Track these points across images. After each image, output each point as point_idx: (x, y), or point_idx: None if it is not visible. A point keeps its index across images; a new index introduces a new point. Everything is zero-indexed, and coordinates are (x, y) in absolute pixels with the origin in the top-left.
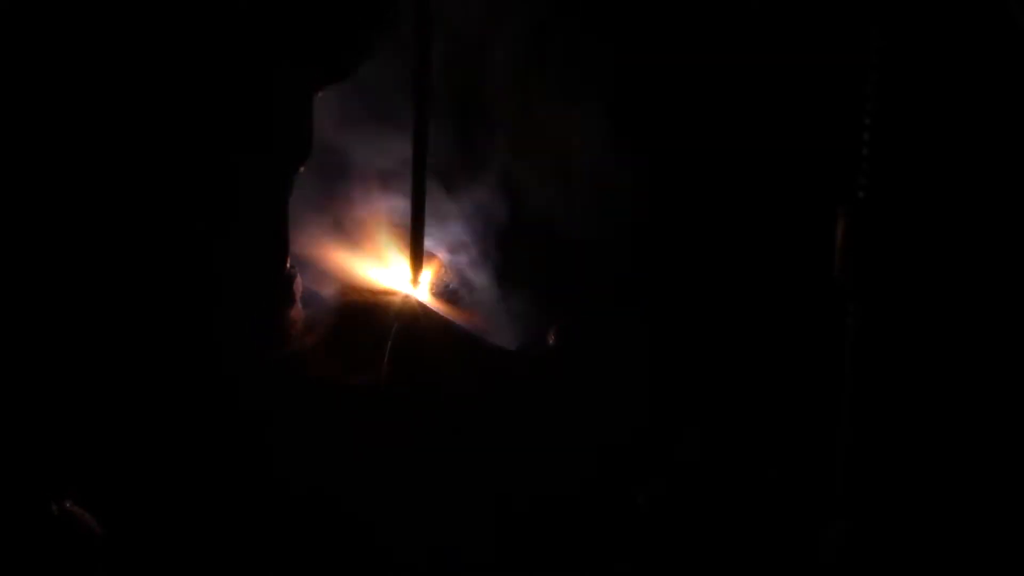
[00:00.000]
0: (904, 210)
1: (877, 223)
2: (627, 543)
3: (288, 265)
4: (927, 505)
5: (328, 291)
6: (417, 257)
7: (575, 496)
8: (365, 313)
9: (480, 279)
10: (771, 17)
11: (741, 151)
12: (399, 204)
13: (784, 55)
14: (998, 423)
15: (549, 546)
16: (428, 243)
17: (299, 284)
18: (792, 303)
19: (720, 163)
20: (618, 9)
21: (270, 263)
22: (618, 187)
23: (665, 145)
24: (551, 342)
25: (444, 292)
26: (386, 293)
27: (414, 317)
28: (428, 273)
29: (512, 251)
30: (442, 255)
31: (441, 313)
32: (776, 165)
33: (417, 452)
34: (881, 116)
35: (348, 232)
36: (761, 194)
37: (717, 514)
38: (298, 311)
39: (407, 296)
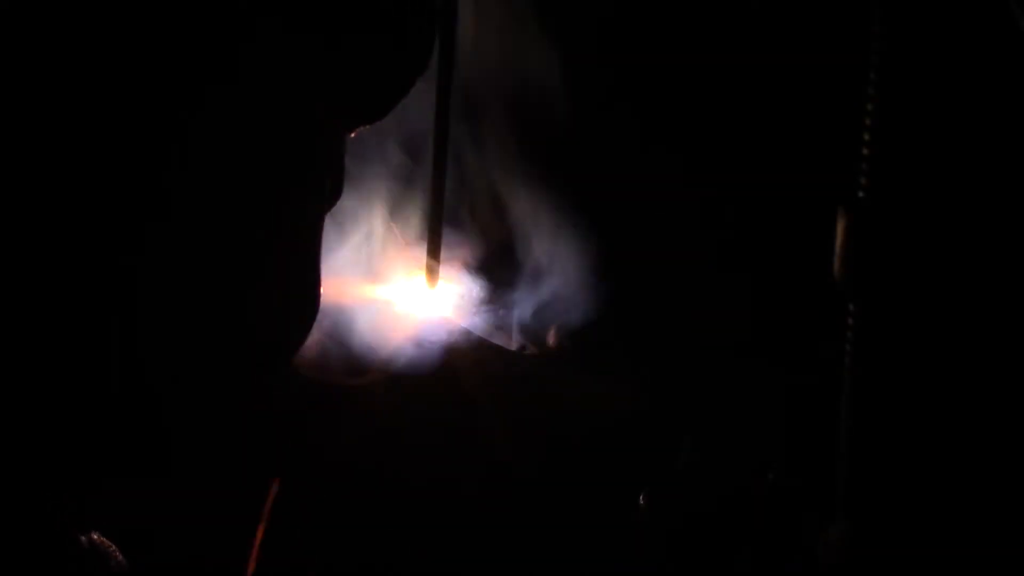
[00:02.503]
0: (904, 210)
1: (877, 223)
2: (629, 545)
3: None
4: (928, 506)
5: (331, 293)
6: (433, 261)
7: (576, 498)
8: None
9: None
10: (770, 16)
11: (741, 148)
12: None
13: (783, 54)
14: (999, 423)
15: (552, 548)
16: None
17: None
18: (791, 303)
19: (719, 161)
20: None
21: (301, 301)
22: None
23: (662, 141)
24: (550, 342)
25: (455, 296)
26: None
27: (422, 320)
28: (444, 280)
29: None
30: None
31: (452, 316)
32: (775, 164)
33: (417, 453)
34: (881, 116)
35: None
36: (760, 193)
37: (718, 515)
38: None
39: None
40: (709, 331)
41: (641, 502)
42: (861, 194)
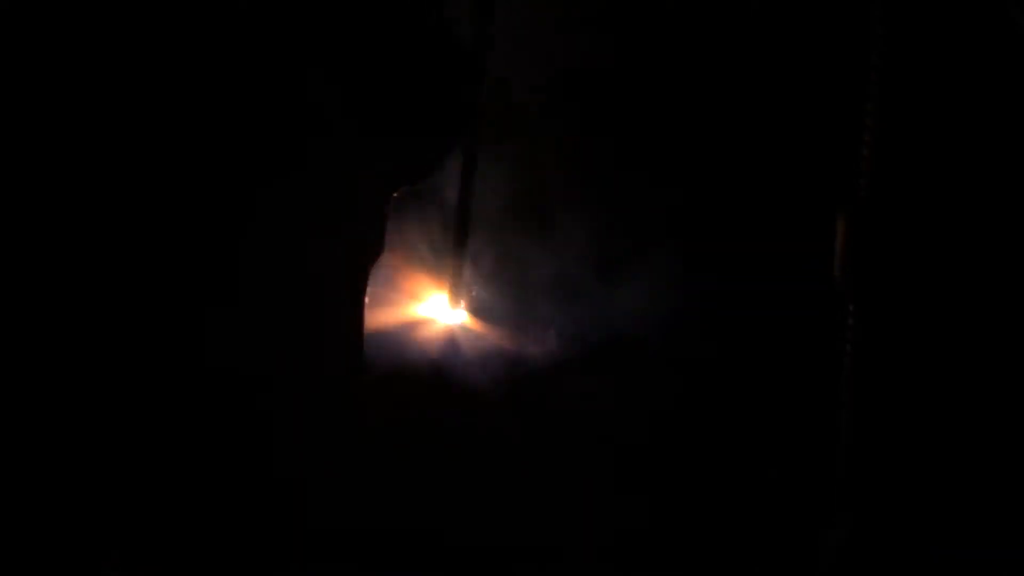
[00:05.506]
0: (904, 210)
1: (877, 223)
2: (628, 544)
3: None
4: (928, 507)
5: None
6: (457, 280)
7: (578, 499)
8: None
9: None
10: (770, 16)
11: (741, 146)
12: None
13: (783, 54)
14: (999, 424)
15: (554, 548)
16: None
17: None
18: (792, 303)
19: (719, 160)
20: None
21: (345, 356)
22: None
23: (663, 138)
24: (551, 343)
25: (471, 304)
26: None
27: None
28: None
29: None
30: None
31: (474, 327)
32: (775, 164)
33: (425, 454)
34: (881, 116)
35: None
36: (760, 192)
37: (717, 514)
38: None
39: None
40: (709, 331)
41: (642, 501)
42: (861, 194)
